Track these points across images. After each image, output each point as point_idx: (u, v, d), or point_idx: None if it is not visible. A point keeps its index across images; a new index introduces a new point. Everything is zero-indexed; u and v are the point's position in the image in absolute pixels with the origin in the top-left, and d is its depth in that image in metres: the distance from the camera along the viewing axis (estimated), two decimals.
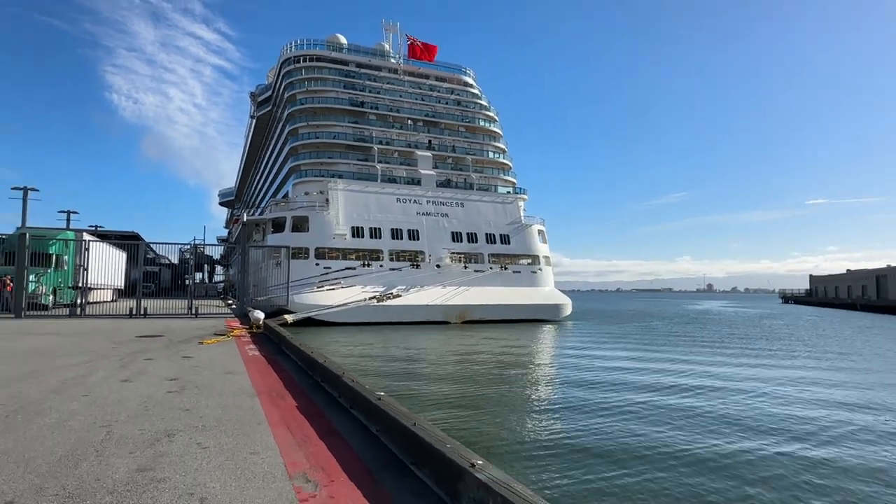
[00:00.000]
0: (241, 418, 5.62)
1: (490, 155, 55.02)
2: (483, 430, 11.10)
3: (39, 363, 8.84)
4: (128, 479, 3.86)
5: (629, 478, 8.28)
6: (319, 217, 42.67)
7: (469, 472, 3.36)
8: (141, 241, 26.11)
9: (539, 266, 49.08)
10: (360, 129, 50.20)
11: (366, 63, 55.63)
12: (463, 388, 15.69)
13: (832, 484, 8.27)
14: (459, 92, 57.82)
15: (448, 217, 47.55)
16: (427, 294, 41.60)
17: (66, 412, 5.71)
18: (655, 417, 12.27)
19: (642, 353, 25.87)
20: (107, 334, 13.71)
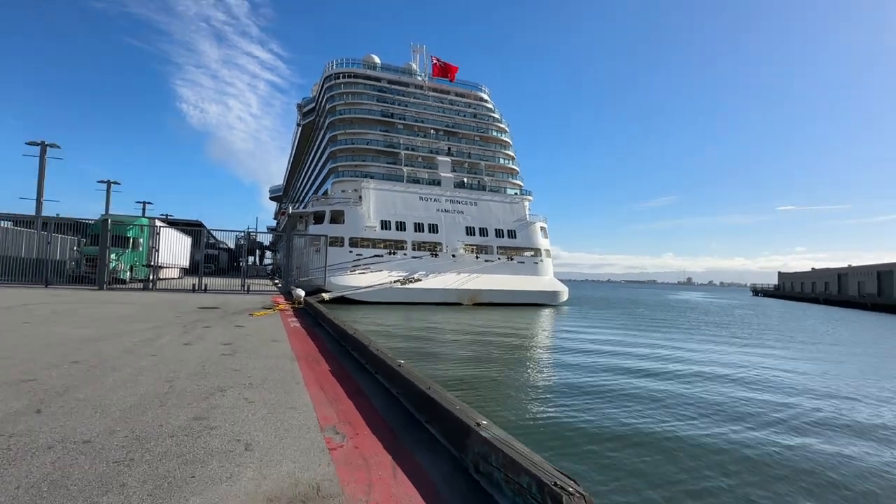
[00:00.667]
0: (282, 378, 5.65)
1: (501, 161, 54.60)
2: (489, 392, 11.09)
3: (117, 327, 9.01)
4: (185, 426, 3.90)
5: (606, 429, 8.21)
6: (353, 211, 42.84)
7: (475, 431, 3.32)
8: (203, 228, 26.43)
9: (541, 258, 48.72)
10: (389, 136, 50.18)
11: (396, 80, 55.53)
12: (473, 358, 15.68)
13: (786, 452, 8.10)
14: (476, 106, 57.43)
15: (463, 214, 47.40)
16: (443, 279, 41.62)
17: (137, 369, 5.80)
18: (637, 387, 12.14)
19: (627, 333, 25.59)
20: (173, 305, 13.92)
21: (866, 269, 75.96)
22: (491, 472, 3.03)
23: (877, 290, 71.02)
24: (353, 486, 2.99)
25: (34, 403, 4.28)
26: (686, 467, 7.36)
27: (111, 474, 2.99)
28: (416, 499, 2.88)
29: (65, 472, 2.98)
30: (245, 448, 3.50)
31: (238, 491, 2.86)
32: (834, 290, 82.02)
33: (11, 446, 3.34)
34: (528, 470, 2.68)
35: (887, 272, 70.19)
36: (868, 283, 73.99)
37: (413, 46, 59.52)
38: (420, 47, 59.26)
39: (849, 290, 78.07)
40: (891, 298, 63.81)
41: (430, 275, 41.83)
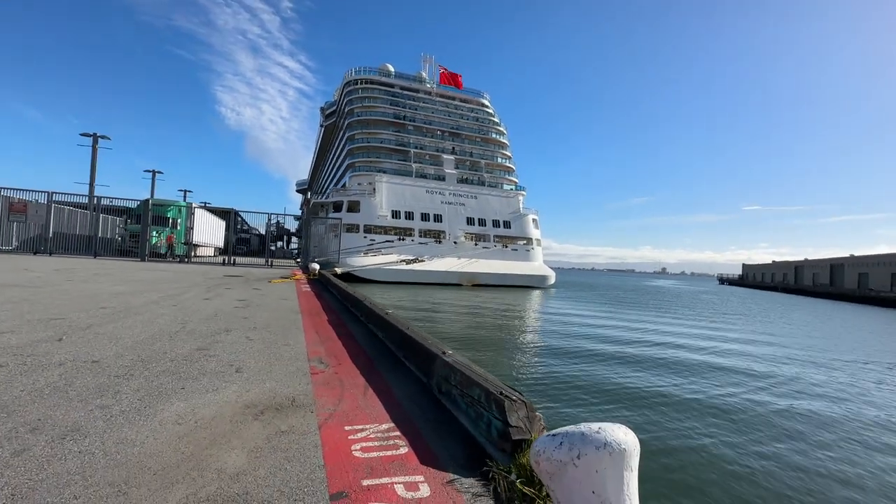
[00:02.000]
0: (283, 325, 5.58)
1: (499, 160, 54.05)
2: (484, 356, 10.99)
3: (148, 286, 8.98)
4: (187, 354, 3.83)
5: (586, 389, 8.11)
6: (368, 202, 42.66)
7: (440, 357, 3.23)
8: (234, 212, 26.37)
9: (532, 246, 48.44)
10: (401, 136, 49.82)
11: (407, 86, 54.98)
12: (471, 328, 15.62)
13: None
14: (478, 111, 56.78)
15: (464, 206, 47.09)
16: (446, 262, 41.52)
17: (156, 314, 5.75)
18: (613, 353, 12.02)
19: (606, 311, 25.41)
20: (202, 273, 13.91)
21: (820, 262, 75.10)
22: (450, 390, 2.94)
23: (829, 280, 70.26)
24: (325, 400, 2.91)
25: (57, 334, 4.23)
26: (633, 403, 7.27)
27: (109, 385, 2.92)
28: (380, 410, 2.79)
29: (68, 382, 2.92)
30: (236, 371, 3.43)
31: (220, 399, 2.78)
32: (791, 280, 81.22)
33: (27, 363, 3.28)
34: (479, 384, 2.58)
35: (839, 266, 69.38)
36: (822, 274, 73.17)
37: (423, 57, 58.77)
38: (429, 57, 58.51)
39: (804, 281, 77.28)
40: (841, 288, 63.12)
41: (434, 258, 41.71)
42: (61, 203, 21.08)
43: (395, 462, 2.10)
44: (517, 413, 2.24)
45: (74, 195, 20.17)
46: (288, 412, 2.64)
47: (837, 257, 70.46)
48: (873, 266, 61.34)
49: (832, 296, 60.19)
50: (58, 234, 19.88)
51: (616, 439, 1.36)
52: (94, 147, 26.46)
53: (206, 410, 2.58)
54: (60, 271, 10.95)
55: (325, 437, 2.31)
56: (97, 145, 26.59)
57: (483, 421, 2.43)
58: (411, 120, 51.38)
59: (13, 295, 6.53)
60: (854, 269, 65.32)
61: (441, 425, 2.60)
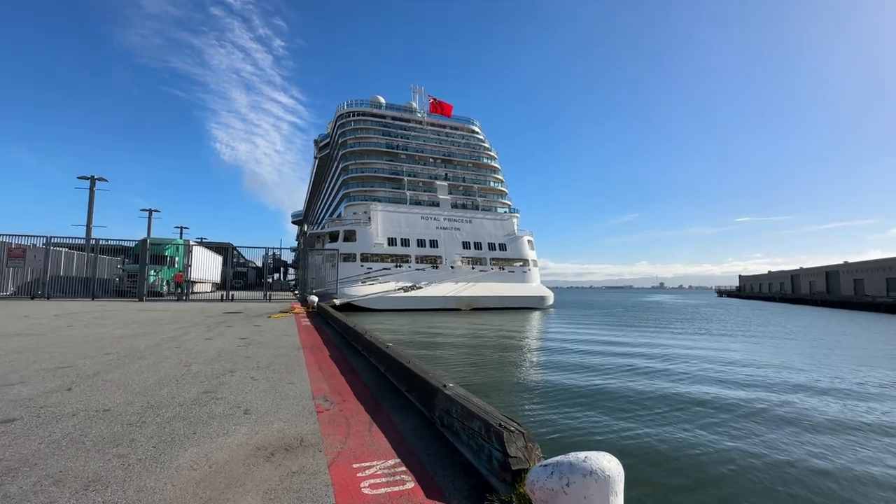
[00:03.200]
0: (286, 362, 5.68)
1: (491, 184, 54.93)
2: (485, 382, 11.00)
3: (149, 328, 9.04)
4: (195, 398, 3.93)
5: (593, 413, 8.14)
6: (364, 230, 43.01)
7: (440, 391, 3.36)
8: (231, 246, 26.57)
9: (528, 268, 48.70)
10: (394, 165, 50.70)
11: (399, 116, 56.44)
12: (471, 355, 15.60)
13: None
14: (468, 137, 58.09)
15: (459, 230, 47.55)
16: (443, 288, 41.56)
17: (161, 357, 5.84)
18: (615, 370, 12.05)
19: (607, 330, 25.42)
20: (201, 311, 13.95)
21: (816, 270, 75.63)
22: (452, 423, 3.07)
23: (825, 288, 70.61)
24: (332, 438, 3.02)
25: (66, 384, 4.33)
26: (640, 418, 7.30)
27: (123, 433, 3.03)
28: (386, 446, 2.90)
29: (83, 432, 3.03)
30: (244, 412, 3.54)
31: (231, 443, 2.90)
32: (788, 290, 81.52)
33: (41, 414, 3.38)
34: (478, 416, 2.72)
35: (834, 272, 69.87)
36: (818, 282, 73.56)
37: (413, 88, 60.52)
38: (419, 88, 60.27)
39: (801, 289, 77.61)
40: (838, 295, 63.39)
41: (432, 284, 41.78)
42: (59, 245, 21.21)
43: (402, 497, 2.22)
44: (515, 444, 2.38)
45: (72, 238, 20.31)
46: (297, 452, 2.75)
47: (832, 265, 71.04)
48: (868, 272, 61.85)
49: (830, 303, 60.40)
50: (55, 278, 19.92)
51: (601, 467, 1.51)
52: (91, 189, 26.83)
53: (219, 454, 2.69)
54: (61, 316, 10.99)
55: (334, 476, 2.42)
56: (94, 188, 26.97)
57: (484, 452, 2.56)
58: (404, 149, 52.45)
59: (18, 344, 6.60)
60: (849, 275, 65.80)
61: (445, 458, 2.72)
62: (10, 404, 3.62)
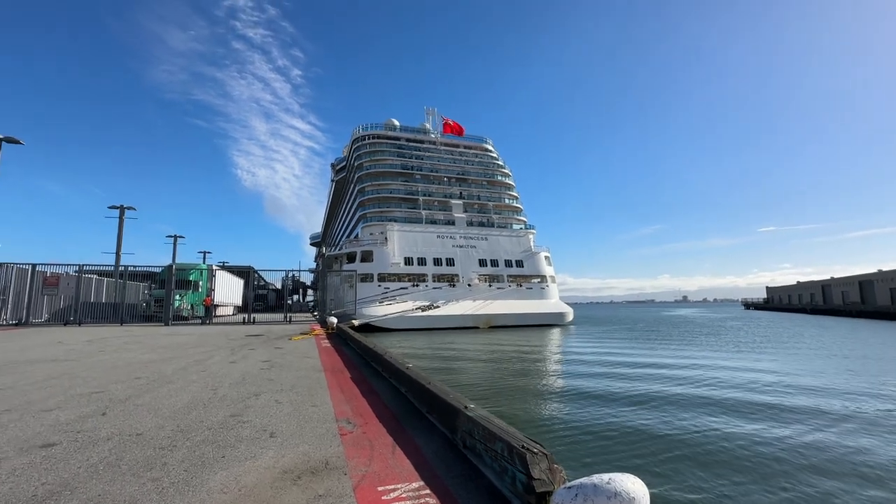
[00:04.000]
0: (308, 385, 5.76)
1: (506, 201, 55.09)
2: (506, 402, 10.87)
3: (175, 352, 9.28)
4: (222, 421, 4.03)
5: (618, 434, 7.95)
6: (381, 251, 43.44)
7: (462, 412, 3.38)
8: (252, 270, 27.16)
9: (546, 284, 48.23)
10: (409, 185, 51.44)
11: (413, 138, 57.56)
12: (491, 374, 15.45)
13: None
14: (482, 156, 58.67)
15: (475, 248, 47.60)
16: (461, 306, 41.44)
17: (188, 381, 5.99)
18: (639, 389, 11.75)
19: (629, 346, 24.84)
20: (225, 334, 14.24)
21: (848, 279, 72.74)
22: (475, 444, 3.07)
23: (860, 298, 67.73)
24: (356, 461, 3.06)
25: (101, 409, 4.49)
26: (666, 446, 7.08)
27: (156, 457, 3.13)
28: (409, 468, 2.93)
29: (119, 456, 3.14)
30: (270, 435, 3.61)
31: (259, 466, 2.96)
32: (819, 301, 78.45)
33: (78, 439, 3.52)
34: (501, 437, 2.73)
35: (868, 282, 67.09)
36: (851, 292, 70.66)
37: (427, 109, 61.84)
38: (432, 109, 61.54)
39: (833, 300, 74.59)
40: (874, 305, 60.68)
41: (449, 302, 41.73)
42: (90, 272, 22.05)
43: None
44: (539, 465, 2.38)
45: (102, 266, 21.11)
46: (323, 475, 2.80)
47: (866, 273, 68.28)
48: None
49: (865, 314, 57.81)
50: (86, 304, 20.64)
51: (625, 489, 1.53)
52: (120, 218, 27.98)
53: (247, 478, 2.76)
54: (92, 342, 11.38)
55: (360, 500, 2.46)
56: (123, 216, 28.12)
57: (508, 475, 2.56)
58: (418, 169, 53.26)
59: (54, 370, 6.87)
60: (884, 284, 63.05)
61: (468, 480, 2.73)
62: (50, 429, 3.78)
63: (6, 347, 10.03)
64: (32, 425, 3.89)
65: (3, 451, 3.26)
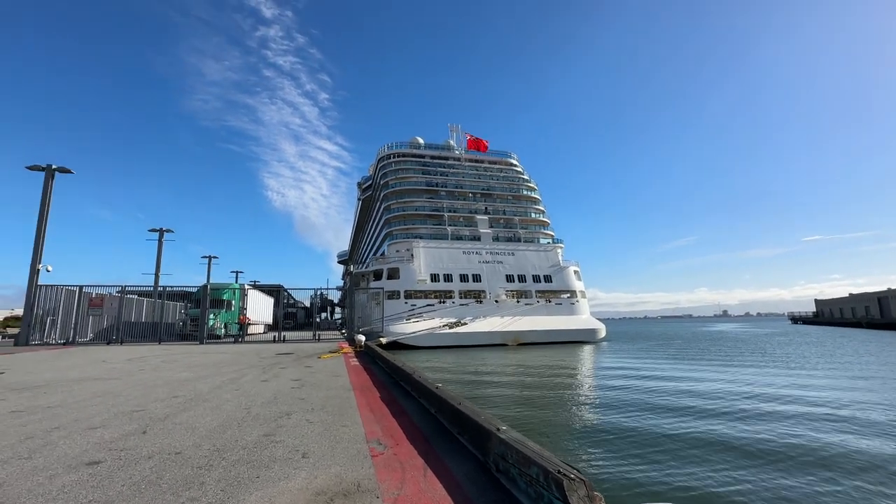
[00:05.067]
0: (339, 404, 5.81)
1: (532, 215, 54.79)
2: (539, 421, 10.61)
3: (210, 371, 9.58)
4: (256, 441, 4.11)
5: (657, 458, 7.60)
6: (407, 268, 43.81)
7: (495, 434, 3.33)
8: (282, 289, 27.89)
9: (577, 299, 47.24)
10: (434, 202, 51.97)
11: (437, 155, 58.46)
12: (522, 392, 15.17)
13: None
14: (507, 170, 58.91)
15: (502, 263, 47.32)
16: (488, 323, 41.03)
17: (222, 400, 6.16)
18: (679, 410, 11.23)
19: (666, 362, 23.87)
20: (256, 353, 14.60)
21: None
22: (508, 468, 3.01)
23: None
24: (388, 483, 3.05)
25: (142, 427, 4.66)
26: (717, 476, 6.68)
27: (194, 476, 3.22)
28: (441, 492, 2.89)
29: (159, 475, 3.24)
30: (302, 456, 3.66)
31: (293, 487, 3.00)
32: (876, 314, 73.32)
33: (122, 457, 3.66)
34: (536, 462, 2.67)
35: None
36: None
37: (451, 126, 62.85)
38: (456, 126, 62.47)
39: (892, 313, 69.56)
40: None
41: (477, 319, 41.41)
42: (131, 293, 23.19)
43: None
44: (577, 492, 2.31)
45: (142, 287, 22.18)
46: (355, 498, 2.80)
47: None
48: None
49: None
50: (127, 324, 21.66)
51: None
52: (159, 241, 29.45)
53: (282, 499, 2.79)
54: (133, 361, 11.89)
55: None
56: (162, 238, 29.57)
57: (543, 501, 2.49)
58: (443, 186, 53.84)
59: (98, 388, 7.21)
60: None
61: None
62: (95, 447, 3.95)
63: (56, 366, 10.61)
64: (80, 443, 4.09)
65: (53, 468, 3.43)
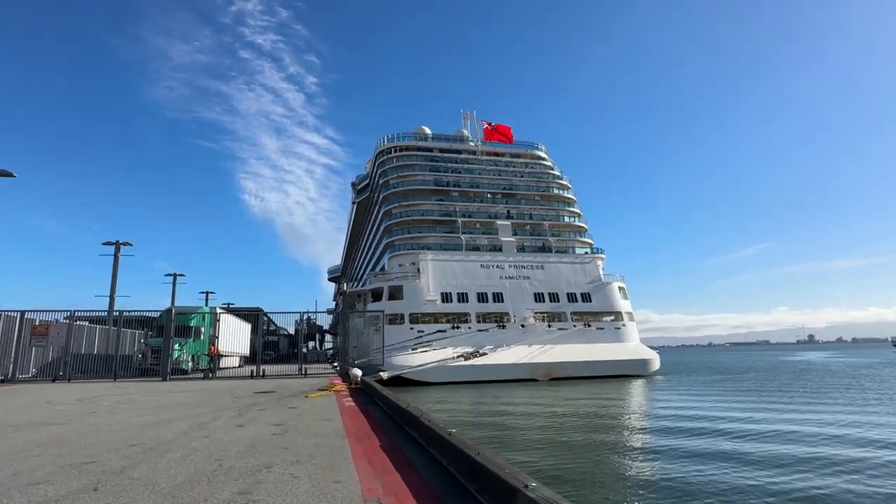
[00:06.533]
0: (329, 454, 5.81)
1: (565, 219, 54.76)
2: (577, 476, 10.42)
3: (175, 413, 9.68)
4: (229, 500, 4.12)
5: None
6: (412, 286, 43.94)
7: (522, 492, 3.29)
8: (261, 312, 28.15)
9: (622, 322, 46.77)
10: (444, 205, 52.29)
11: (448, 148, 58.87)
12: (556, 439, 14.98)
13: None
14: (533, 165, 59.06)
15: (530, 279, 47.16)
16: (513, 352, 40.78)
17: (189, 449, 6.21)
18: (759, 462, 10.93)
19: (740, 401, 23.34)
20: (230, 391, 14.72)
21: None
22: None
23: None
24: None
25: (92, 482, 4.72)
26: None
27: None
28: None
29: None
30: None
31: None
32: None
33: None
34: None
35: None
36: None
37: (464, 113, 63.39)
38: (470, 113, 62.96)
39: None
40: None
41: (499, 349, 41.21)
42: (82, 318, 23.65)
43: None
44: None
45: (95, 312, 22.64)
46: None
47: None
48: None
49: None
50: (77, 356, 22.03)
51: None
52: (115, 256, 30.13)
53: None
54: (83, 401, 12.09)
55: None
56: (119, 253, 30.25)
57: None
58: (456, 185, 54.14)
59: (42, 435, 7.33)
60: None
61: None
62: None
63: None
64: (19, 502, 4.15)
65: None
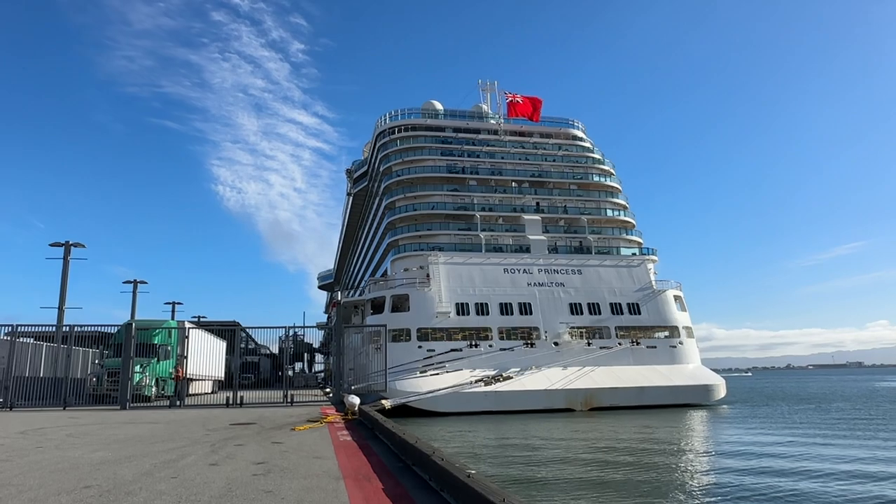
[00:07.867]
0: (322, 500, 5.82)
1: (608, 213, 54.31)
2: None
3: (136, 449, 9.81)
4: None
5: None
6: (420, 295, 43.86)
7: None
8: (238, 328, 28.41)
9: (679, 339, 46.27)
10: (460, 196, 51.99)
11: (463, 127, 58.63)
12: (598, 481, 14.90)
13: None
14: (568, 147, 58.52)
15: (564, 286, 46.86)
16: (545, 376, 40.54)
17: (153, 492, 6.27)
18: None
19: (830, 437, 22.98)
20: (202, 422, 14.88)
21: None
22: None
23: None
24: None
25: None
26: None
27: None
28: None
29: None
30: None
31: None
32: None
33: None
34: None
35: None
36: None
37: (482, 84, 63.03)
38: (491, 84, 62.57)
39: None
40: None
41: (527, 372, 40.99)
42: (26, 334, 24.06)
43: None
44: None
45: (41, 327, 23.02)
46: None
47: None
48: None
49: None
50: (19, 380, 22.42)
51: None
52: (65, 259, 30.63)
53: None
54: (27, 434, 12.32)
55: None
56: (69, 256, 30.76)
57: None
58: (473, 171, 54.05)
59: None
60: None
61: None
62: None
63: None
64: None
65: None
